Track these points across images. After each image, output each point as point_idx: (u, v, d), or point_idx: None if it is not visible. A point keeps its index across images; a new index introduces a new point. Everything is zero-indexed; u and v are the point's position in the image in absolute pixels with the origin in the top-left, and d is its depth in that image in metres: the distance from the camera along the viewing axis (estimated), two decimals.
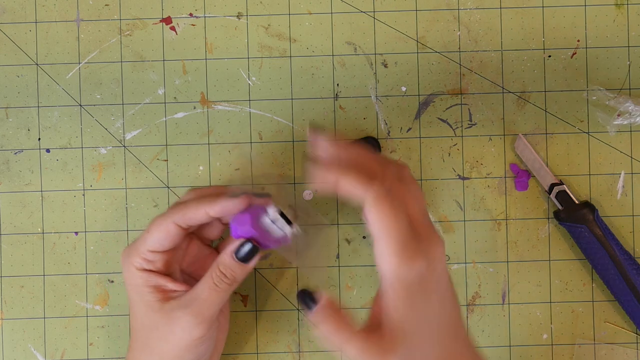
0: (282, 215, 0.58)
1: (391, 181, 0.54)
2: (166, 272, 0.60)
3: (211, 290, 0.57)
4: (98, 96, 0.68)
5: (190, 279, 0.63)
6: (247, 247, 0.58)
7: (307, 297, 0.55)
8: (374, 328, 0.54)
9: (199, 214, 0.58)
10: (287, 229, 0.58)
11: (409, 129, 0.68)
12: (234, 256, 0.58)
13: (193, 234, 0.63)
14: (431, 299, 0.53)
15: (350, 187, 0.53)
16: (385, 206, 0.52)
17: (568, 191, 0.66)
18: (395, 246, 0.52)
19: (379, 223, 0.52)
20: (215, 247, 0.65)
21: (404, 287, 0.52)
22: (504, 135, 0.68)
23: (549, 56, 0.68)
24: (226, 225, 0.63)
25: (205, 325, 0.57)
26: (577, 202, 0.66)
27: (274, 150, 0.68)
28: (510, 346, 0.68)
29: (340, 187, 0.53)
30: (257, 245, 0.58)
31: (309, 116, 0.68)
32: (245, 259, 0.58)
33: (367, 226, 0.53)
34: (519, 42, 0.68)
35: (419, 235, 0.53)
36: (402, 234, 0.52)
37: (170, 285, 0.59)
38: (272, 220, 0.58)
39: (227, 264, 0.58)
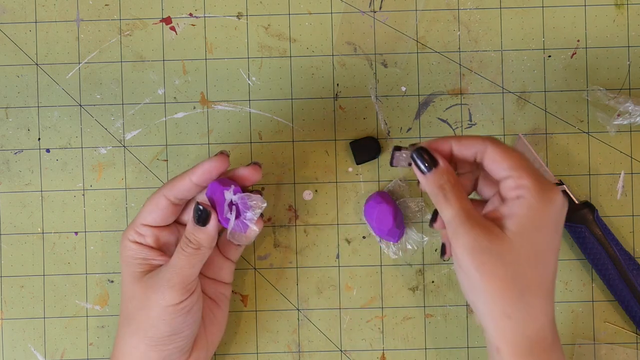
0: (234, 205, 0.59)
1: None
2: (158, 249, 0.61)
3: (179, 255, 0.59)
4: (98, 96, 0.68)
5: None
6: (199, 209, 0.59)
7: (422, 157, 0.56)
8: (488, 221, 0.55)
9: (184, 182, 0.60)
10: (232, 218, 0.59)
11: (409, 129, 0.68)
12: (193, 220, 0.59)
13: None
14: (554, 237, 0.55)
15: (470, 143, 0.56)
16: (509, 147, 0.55)
17: (568, 191, 0.66)
18: (533, 179, 0.54)
19: (510, 158, 0.55)
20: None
21: (541, 219, 0.54)
22: (504, 135, 0.68)
23: (549, 56, 0.68)
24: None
25: (176, 291, 0.58)
26: (577, 202, 0.66)
27: (274, 150, 0.68)
28: None
29: (461, 146, 0.56)
30: (210, 209, 0.59)
31: (309, 116, 0.68)
32: (199, 221, 0.59)
33: (494, 170, 0.55)
34: (519, 42, 0.68)
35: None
36: (533, 168, 0.55)
37: (158, 259, 0.61)
38: (227, 200, 0.59)
39: (189, 229, 0.59)
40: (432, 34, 0.68)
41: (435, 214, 0.59)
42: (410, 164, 0.57)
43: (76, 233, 0.68)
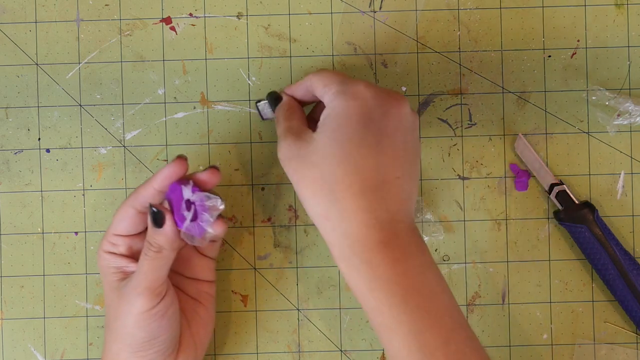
0: (191, 203, 0.59)
1: None
2: (131, 257, 0.61)
3: (143, 261, 0.59)
4: (98, 96, 0.68)
5: (175, 274, 0.64)
6: (153, 211, 0.59)
7: (272, 99, 0.63)
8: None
9: (147, 190, 0.60)
10: (188, 217, 0.59)
11: None
12: (149, 222, 0.59)
13: None
14: (361, 132, 0.56)
15: (303, 83, 0.62)
16: (322, 73, 0.60)
17: (568, 191, 0.66)
18: (335, 83, 0.58)
19: (321, 78, 0.59)
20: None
21: (341, 116, 0.57)
22: (504, 135, 0.68)
23: (549, 56, 0.68)
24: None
25: (145, 297, 0.58)
26: (577, 202, 0.66)
27: (274, 150, 0.68)
28: (510, 346, 0.68)
29: (299, 88, 0.62)
30: (164, 210, 0.59)
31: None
32: (154, 222, 0.59)
33: (319, 96, 0.59)
34: (519, 42, 0.68)
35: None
36: (340, 75, 0.59)
37: (131, 266, 0.61)
38: (184, 197, 0.59)
39: (148, 233, 0.59)
40: (432, 34, 0.68)
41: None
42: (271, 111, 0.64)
43: (76, 233, 0.69)
